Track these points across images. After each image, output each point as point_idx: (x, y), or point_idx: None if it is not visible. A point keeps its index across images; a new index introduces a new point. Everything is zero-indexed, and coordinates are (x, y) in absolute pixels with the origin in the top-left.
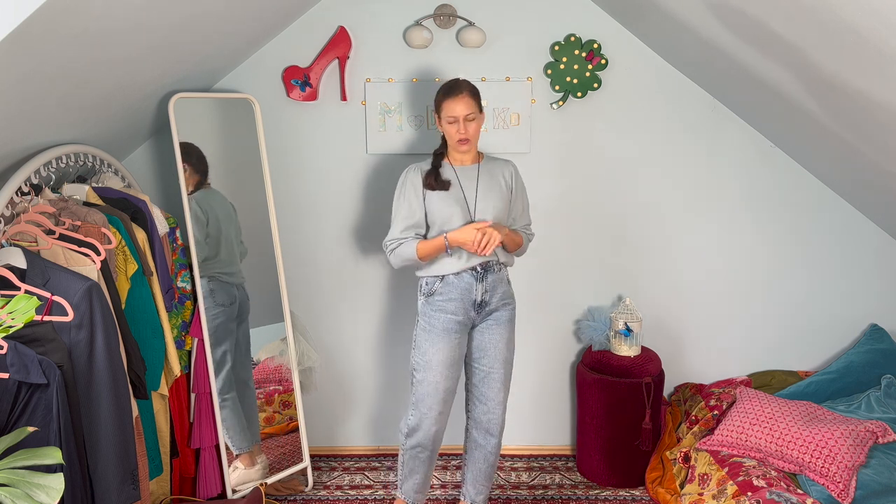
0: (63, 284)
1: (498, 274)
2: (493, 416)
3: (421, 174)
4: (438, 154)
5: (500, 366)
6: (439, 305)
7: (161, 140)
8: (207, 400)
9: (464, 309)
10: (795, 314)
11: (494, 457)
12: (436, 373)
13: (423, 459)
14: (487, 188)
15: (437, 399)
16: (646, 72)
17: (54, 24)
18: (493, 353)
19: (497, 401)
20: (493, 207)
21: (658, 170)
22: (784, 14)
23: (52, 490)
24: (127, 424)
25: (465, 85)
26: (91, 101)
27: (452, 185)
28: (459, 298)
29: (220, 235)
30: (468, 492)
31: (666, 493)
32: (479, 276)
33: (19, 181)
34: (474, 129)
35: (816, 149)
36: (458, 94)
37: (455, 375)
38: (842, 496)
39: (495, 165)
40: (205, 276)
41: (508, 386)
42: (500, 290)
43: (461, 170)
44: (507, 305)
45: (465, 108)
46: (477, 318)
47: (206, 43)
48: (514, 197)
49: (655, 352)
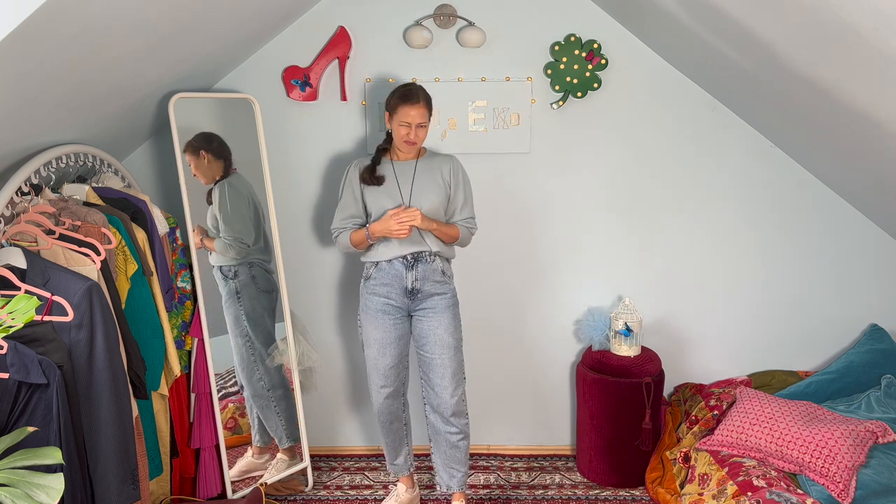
0: (63, 284)
1: (430, 264)
2: (443, 401)
3: (360, 169)
4: (381, 150)
5: (440, 351)
6: (373, 289)
7: (161, 140)
8: (207, 400)
9: (396, 294)
10: (795, 314)
11: (458, 439)
12: (374, 350)
13: (384, 427)
14: (423, 183)
15: (378, 374)
16: (646, 72)
17: (54, 23)
18: (432, 339)
19: (443, 385)
20: (427, 202)
21: (658, 170)
22: (784, 14)
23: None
24: (127, 424)
25: (421, 93)
26: (91, 101)
27: (388, 180)
28: (391, 283)
29: (260, 223)
30: (442, 479)
31: (666, 493)
32: (410, 264)
33: (19, 181)
34: (423, 134)
35: (816, 149)
36: (414, 103)
37: (394, 353)
38: (842, 496)
39: (435, 161)
40: (245, 262)
41: (459, 371)
42: (431, 279)
43: (399, 165)
44: (442, 294)
45: (418, 116)
46: (411, 304)
47: (206, 43)
48: (453, 191)
49: (655, 352)
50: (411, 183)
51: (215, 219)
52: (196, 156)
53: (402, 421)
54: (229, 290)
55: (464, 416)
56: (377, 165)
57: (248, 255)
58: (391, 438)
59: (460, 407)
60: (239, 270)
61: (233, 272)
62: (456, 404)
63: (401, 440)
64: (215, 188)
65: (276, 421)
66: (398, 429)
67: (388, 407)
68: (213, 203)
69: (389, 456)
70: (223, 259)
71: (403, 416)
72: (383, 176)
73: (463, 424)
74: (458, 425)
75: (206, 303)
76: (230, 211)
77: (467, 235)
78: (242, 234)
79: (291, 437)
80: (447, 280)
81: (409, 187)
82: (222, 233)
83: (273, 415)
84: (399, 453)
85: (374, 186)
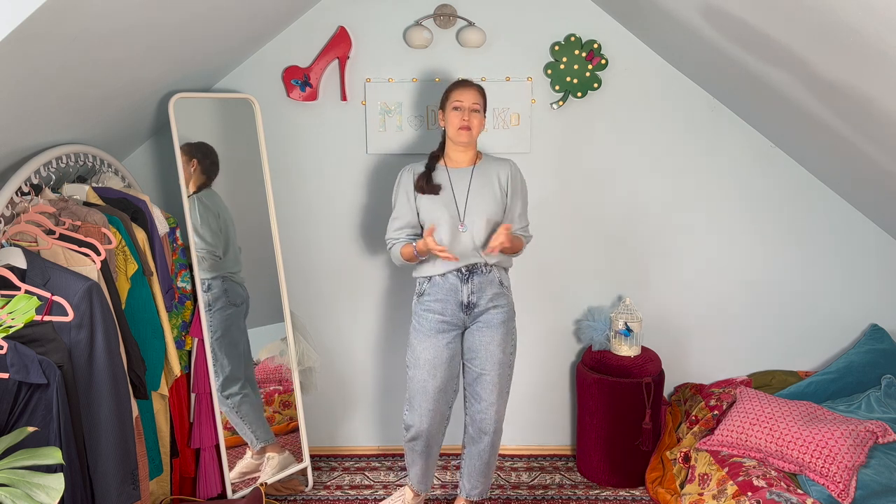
0: (63, 284)
1: (485, 276)
2: (486, 416)
3: (413, 176)
4: (434, 156)
5: (490, 367)
6: (427, 305)
7: (161, 140)
8: (207, 400)
9: (451, 310)
10: (795, 314)
11: (489, 454)
12: (423, 371)
13: (419, 452)
14: (479, 191)
15: (425, 397)
16: (646, 72)
17: (54, 24)
18: (483, 354)
19: (489, 401)
20: (483, 211)
21: (658, 170)
22: (784, 15)
23: (52, 490)
24: (127, 424)
25: (476, 83)
26: (91, 101)
27: (444, 188)
28: (445, 299)
29: (228, 236)
30: (464, 486)
31: (666, 493)
32: (465, 277)
33: (19, 181)
34: (477, 121)
35: (816, 149)
36: (468, 86)
37: (444, 375)
38: (842, 496)
39: (491, 166)
40: (218, 276)
41: (506, 387)
42: (488, 292)
43: (455, 172)
44: (498, 308)
45: (472, 97)
46: (467, 319)
47: (206, 43)
48: (510, 198)
49: (655, 352)
50: (467, 192)
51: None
52: (188, 159)
53: (439, 446)
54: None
55: (500, 433)
56: (432, 172)
57: (221, 269)
58: (421, 462)
59: (500, 424)
60: (212, 284)
61: (206, 285)
62: (498, 421)
63: (430, 467)
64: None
65: (242, 425)
66: (433, 454)
67: (430, 431)
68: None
69: (415, 477)
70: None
71: (441, 442)
72: (440, 185)
73: (497, 441)
74: (494, 443)
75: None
76: (200, 224)
77: (525, 245)
78: (214, 247)
79: (260, 438)
80: (504, 291)
81: (465, 197)
82: (196, 246)
83: (238, 420)
84: (425, 477)
85: (428, 195)
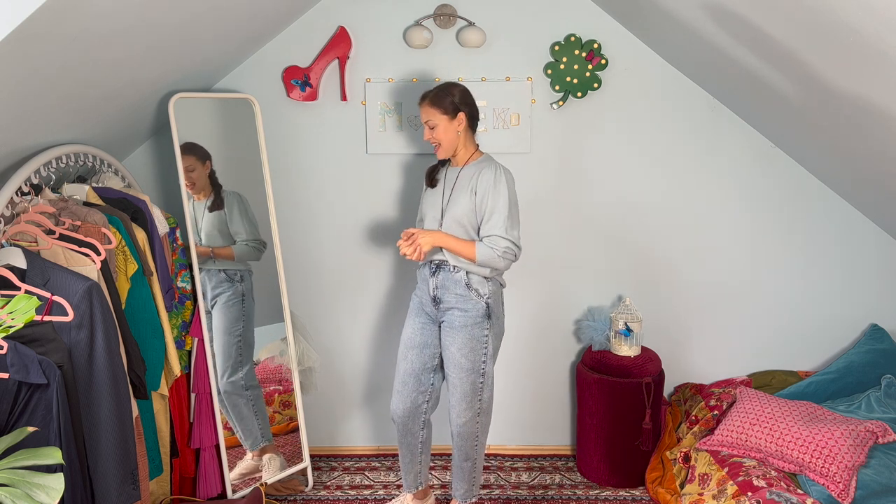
0: (63, 284)
1: (450, 274)
2: (453, 419)
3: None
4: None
5: (452, 371)
6: (416, 290)
7: (161, 140)
8: (207, 400)
9: (426, 299)
10: (796, 314)
11: (460, 459)
12: (400, 350)
13: (399, 440)
14: (459, 191)
15: (397, 377)
16: (646, 72)
17: (54, 24)
18: (447, 356)
19: (452, 404)
20: (454, 211)
21: (658, 170)
22: (784, 15)
23: (52, 490)
24: (127, 424)
25: (430, 93)
26: (91, 101)
27: (439, 185)
28: (422, 288)
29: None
30: (452, 487)
31: (666, 493)
32: (433, 271)
33: (19, 181)
34: (438, 134)
35: (816, 149)
36: (422, 102)
37: (415, 360)
38: (842, 496)
39: (477, 167)
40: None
41: (474, 395)
42: (453, 291)
43: (451, 170)
44: (462, 311)
45: (426, 115)
46: (437, 313)
47: (206, 43)
48: (478, 200)
49: (655, 352)
50: (451, 190)
51: (224, 224)
52: (202, 161)
53: (419, 439)
54: (235, 292)
55: (471, 439)
56: (438, 169)
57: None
58: (402, 451)
59: (467, 429)
60: (244, 274)
61: (239, 276)
62: (462, 425)
63: (413, 457)
64: (225, 196)
65: (253, 420)
66: (411, 444)
67: (404, 413)
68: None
69: (403, 468)
70: (231, 262)
71: (421, 435)
72: (437, 180)
73: (469, 448)
74: (464, 448)
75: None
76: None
77: (492, 258)
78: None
79: (265, 436)
80: (471, 296)
81: (449, 194)
82: (244, 236)
83: (250, 413)
84: (409, 470)
85: (429, 189)
